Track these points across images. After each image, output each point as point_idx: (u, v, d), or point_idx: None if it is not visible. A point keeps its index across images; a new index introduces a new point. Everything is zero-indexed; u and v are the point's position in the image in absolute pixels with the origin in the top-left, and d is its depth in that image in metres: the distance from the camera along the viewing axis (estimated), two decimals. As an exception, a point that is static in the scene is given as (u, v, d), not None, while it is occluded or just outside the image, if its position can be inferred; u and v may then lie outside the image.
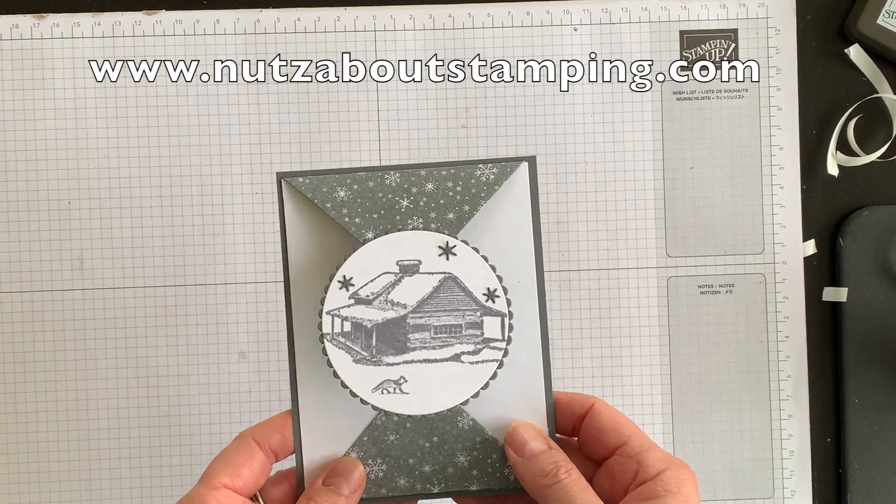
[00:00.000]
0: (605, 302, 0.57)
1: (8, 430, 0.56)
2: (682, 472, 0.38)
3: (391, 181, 0.40)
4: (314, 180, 0.41)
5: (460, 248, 0.40)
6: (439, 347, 0.40)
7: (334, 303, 0.40)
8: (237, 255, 0.56)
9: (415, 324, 0.40)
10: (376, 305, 0.40)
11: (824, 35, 0.58)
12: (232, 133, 0.56)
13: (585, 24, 0.57)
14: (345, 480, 0.40)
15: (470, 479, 0.41)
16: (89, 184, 0.56)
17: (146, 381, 0.56)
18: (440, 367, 0.40)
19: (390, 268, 0.40)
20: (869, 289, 0.57)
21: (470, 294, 0.40)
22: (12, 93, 0.56)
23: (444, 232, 0.40)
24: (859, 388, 0.57)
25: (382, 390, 0.39)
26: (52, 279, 0.56)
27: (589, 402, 0.41)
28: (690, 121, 0.57)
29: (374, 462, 0.41)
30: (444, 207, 0.40)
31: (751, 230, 0.57)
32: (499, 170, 0.41)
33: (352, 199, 0.40)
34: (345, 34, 0.57)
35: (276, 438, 0.40)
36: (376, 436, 0.41)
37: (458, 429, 0.41)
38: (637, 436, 0.39)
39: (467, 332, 0.40)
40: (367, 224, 0.40)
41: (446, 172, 0.40)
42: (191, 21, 0.56)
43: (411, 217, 0.40)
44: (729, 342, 0.57)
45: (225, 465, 0.39)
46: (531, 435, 0.40)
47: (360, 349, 0.40)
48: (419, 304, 0.40)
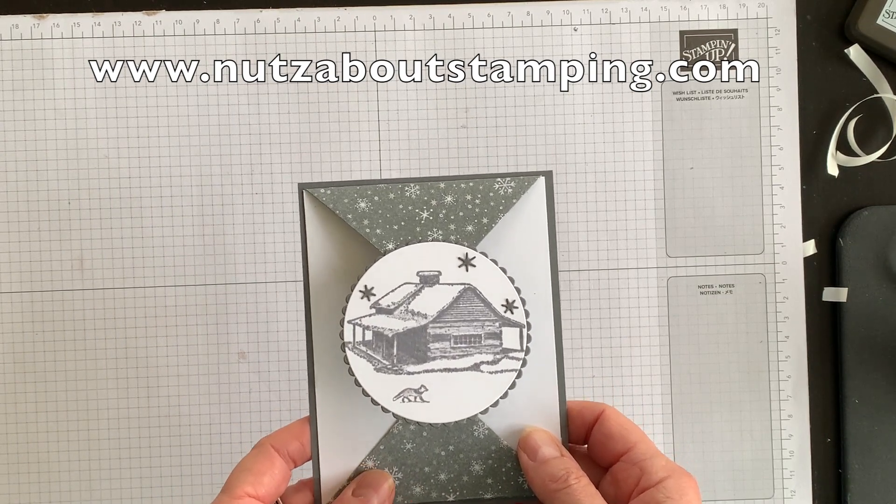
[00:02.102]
0: (605, 302, 0.57)
1: (8, 430, 0.56)
2: (685, 481, 0.38)
3: (411, 193, 0.41)
4: (336, 191, 0.41)
5: (479, 260, 0.40)
6: (459, 357, 0.40)
7: (356, 312, 0.40)
8: (237, 255, 0.56)
9: (435, 333, 0.40)
10: (397, 315, 0.40)
11: (824, 35, 0.58)
12: (232, 133, 0.56)
13: (585, 24, 0.57)
14: (374, 492, 0.40)
15: (485, 488, 0.41)
16: (89, 184, 0.56)
17: (146, 381, 0.56)
18: (460, 377, 0.40)
19: (411, 278, 0.40)
20: (869, 289, 0.57)
21: (489, 305, 0.40)
22: (12, 93, 0.56)
23: (463, 244, 0.40)
24: (859, 388, 0.57)
25: (403, 398, 0.40)
26: (52, 279, 0.56)
27: (599, 409, 0.41)
28: (690, 121, 0.57)
29: (391, 470, 0.41)
30: (463, 220, 0.41)
31: (751, 230, 0.57)
32: (517, 183, 0.41)
33: (372, 211, 0.41)
34: (345, 34, 0.57)
35: (294, 445, 0.40)
36: (393, 444, 0.41)
37: (473, 438, 0.41)
38: (643, 443, 0.40)
39: (486, 343, 0.40)
40: (388, 235, 0.41)
41: (465, 185, 0.41)
42: (191, 21, 0.56)
43: (431, 229, 0.41)
44: (729, 342, 0.57)
45: (246, 473, 0.39)
46: (544, 440, 0.40)
47: (382, 358, 0.40)
48: (439, 314, 0.40)
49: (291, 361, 0.56)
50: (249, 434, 0.56)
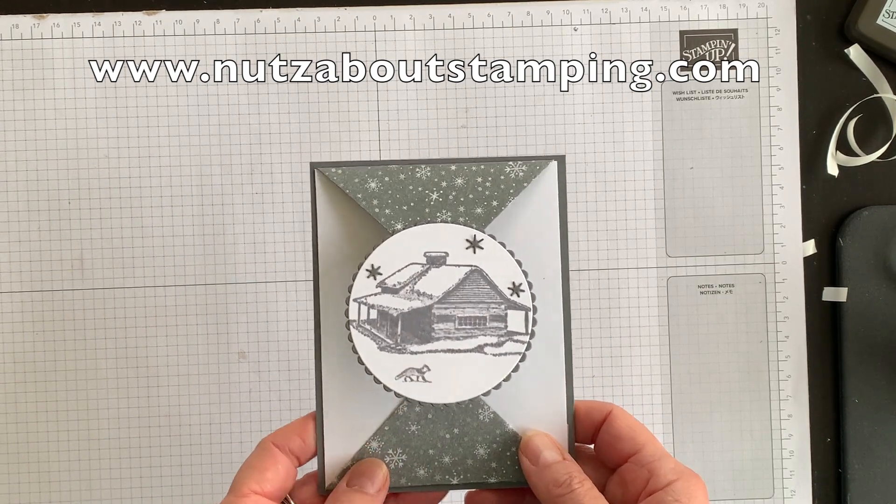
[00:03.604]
0: (605, 302, 0.57)
1: (8, 430, 0.56)
2: (693, 483, 0.38)
3: (422, 174, 0.41)
4: (347, 171, 0.41)
5: (487, 242, 0.40)
6: (463, 338, 0.40)
7: (361, 290, 0.40)
8: (237, 255, 0.56)
9: (440, 314, 0.40)
10: (403, 295, 0.40)
11: (824, 35, 0.58)
12: (232, 133, 0.56)
13: (585, 24, 0.57)
14: (369, 480, 0.40)
15: (489, 472, 0.41)
16: (89, 184, 0.56)
17: (146, 381, 0.56)
18: (463, 358, 0.40)
19: (418, 259, 0.40)
20: (869, 289, 0.57)
21: (495, 287, 0.40)
22: (12, 93, 0.56)
23: (471, 226, 0.40)
24: (859, 388, 0.57)
25: (406, 378, 0.40)
26: (52, 279, 0.56)
27: (607, 409, 0.41)
28: (690, 121, 0.57)
29: (395, 452, 0.41)
30: (472, 202, 0.41)
31: (751, 230, 0.57)
32: (528, 167, 0.41)
33: (383, 191, 0.41)
34: (345, 34, 0.57)
35: (296, 442, 0.41)
36: (397, 426, 0.41)
37: (478, 421, 0.41)
38: (651, 444, 0.40)
39: (491, 325, 0.40)
40: (397, 215, 0.41)
41: (476, 168, 0.41)
42: (191, 21, 0.56)
43: (440, 210, 0.41)
44: (729, 342, 0.57)
45: (251, 471, 0.39)
46: (545, 444, 0.40)
47: (386, 337, 0.40)
48: (445, 295, 0.40)
49: (291, 361, 0.56)
50: (249, 434, 0.56)
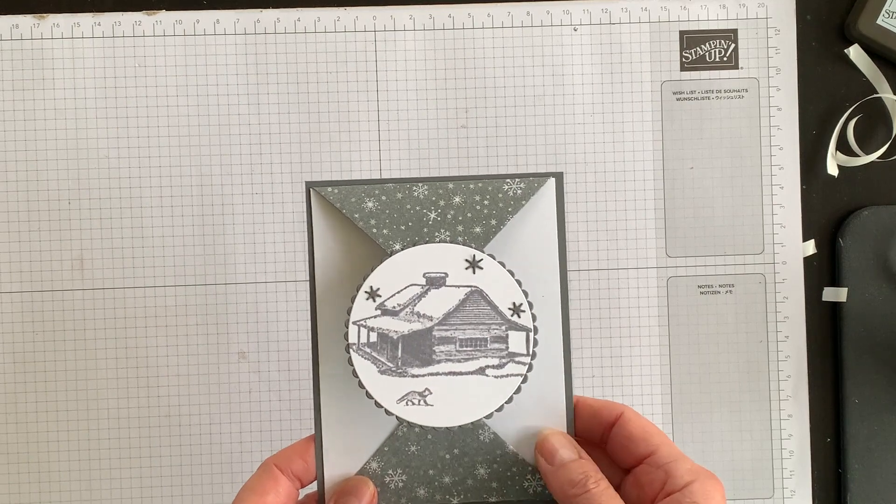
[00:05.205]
0: (605, 302, 0.57)
1: (8, 430, 0.56)
2: (710, 484, 0.38)
3: (419, 193, 0.41)
4: (343, 190, 0.41)
5: (487, 262, 0.40)
6: (464, 360, 0.40)
7: (361, 313, 0.40)
8: (237, 255, 0.56)
9: (440, 336, 0.40)
10: (402, 317, 0.40)
11: (824, 35, 0.58)
12: (232, 133, 0.56)
13: (585, 24, 0.57)
14: (356, 499, 0.40)
15: (489, 491, 0.41)
16: (89, 184, 0.56)
17: (146, 381, 0.56)
18: (465, 381, 0.40)
19: (417, 280, 0.40)
20: (869, 289, 0.57)
21: (496, 308, 0.40)
22: (12, 93, 0.56)
23: (471, 245, 0.40)
24: (859, 388, 0.57)
25: (407, 402, 0.39)
26: (52, 279, 0.56)
27: (618, 411, 0.41)
28: (690, 121, 0.57)
29: (395, 472, 0.41)
30: (471, 221, 0.40)
31: (751, 230, 0.57)
32: (526, 185, 0.41)
33: (380, 211, 0.40)
34: (345, 34, 0.57)
35: (298, 464, 0.40)
36: (397, 446, 0.41)
37: (479, 441, 0.41)
38: (666, 445, 0.40)
39: (492, 346, 0.40)
40: (395, 235, 0.40)
41: (474, 186, 0.41)
42: (191, 21, 0.56)
43: (439, 230, 0.40)
44: (729, 342, 0.57)
45: (251, 493, 0.39)
46: (562, 443, 0.40)
47: (386, 360, 0.40)
48: (445, 316, 0.40)
49: (291, 361, 0.56)
50: (249, 434, 0.56)
